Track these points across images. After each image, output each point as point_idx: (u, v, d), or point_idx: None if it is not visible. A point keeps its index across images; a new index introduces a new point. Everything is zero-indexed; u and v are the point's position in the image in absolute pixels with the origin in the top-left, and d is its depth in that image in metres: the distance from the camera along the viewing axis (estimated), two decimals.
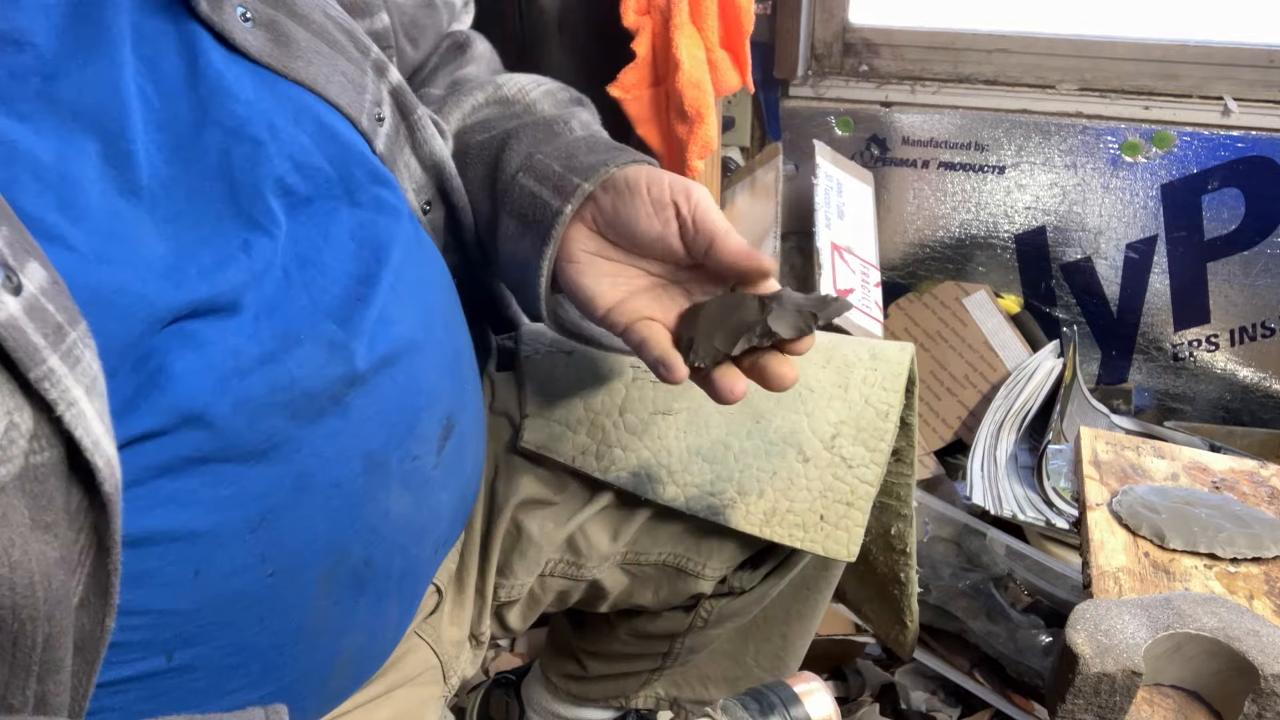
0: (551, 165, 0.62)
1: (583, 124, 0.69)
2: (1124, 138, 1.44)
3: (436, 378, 0.58)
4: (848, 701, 1.22)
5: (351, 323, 0.52)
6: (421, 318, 0.57)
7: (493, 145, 0.67)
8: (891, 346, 0.75)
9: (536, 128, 0.66)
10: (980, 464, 1.38)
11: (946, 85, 1.53)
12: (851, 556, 0.69)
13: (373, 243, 0.55)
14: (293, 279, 0.50)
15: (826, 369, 0.73)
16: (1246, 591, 0.75)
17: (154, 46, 0.48)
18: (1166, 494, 0.84)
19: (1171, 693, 0.68)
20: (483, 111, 0.72)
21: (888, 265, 1.63)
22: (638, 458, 0.71)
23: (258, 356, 0.47)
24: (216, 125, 0.49)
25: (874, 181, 1.58)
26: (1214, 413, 1.55)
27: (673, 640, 0.83)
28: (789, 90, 1.58)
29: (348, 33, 0.60)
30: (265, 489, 0.48)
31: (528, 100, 0.72)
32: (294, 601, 0.51)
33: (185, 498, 0.45)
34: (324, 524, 0.51)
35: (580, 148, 0.63)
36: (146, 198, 0.46)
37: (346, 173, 0.55)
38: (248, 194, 0.50)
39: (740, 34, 1.26)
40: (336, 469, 0.51)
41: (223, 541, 0.47)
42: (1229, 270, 1.45)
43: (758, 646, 0.89)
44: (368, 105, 0.59)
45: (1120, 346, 1.57)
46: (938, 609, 1.19)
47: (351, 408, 0.51)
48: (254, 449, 0.47)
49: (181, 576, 0.46)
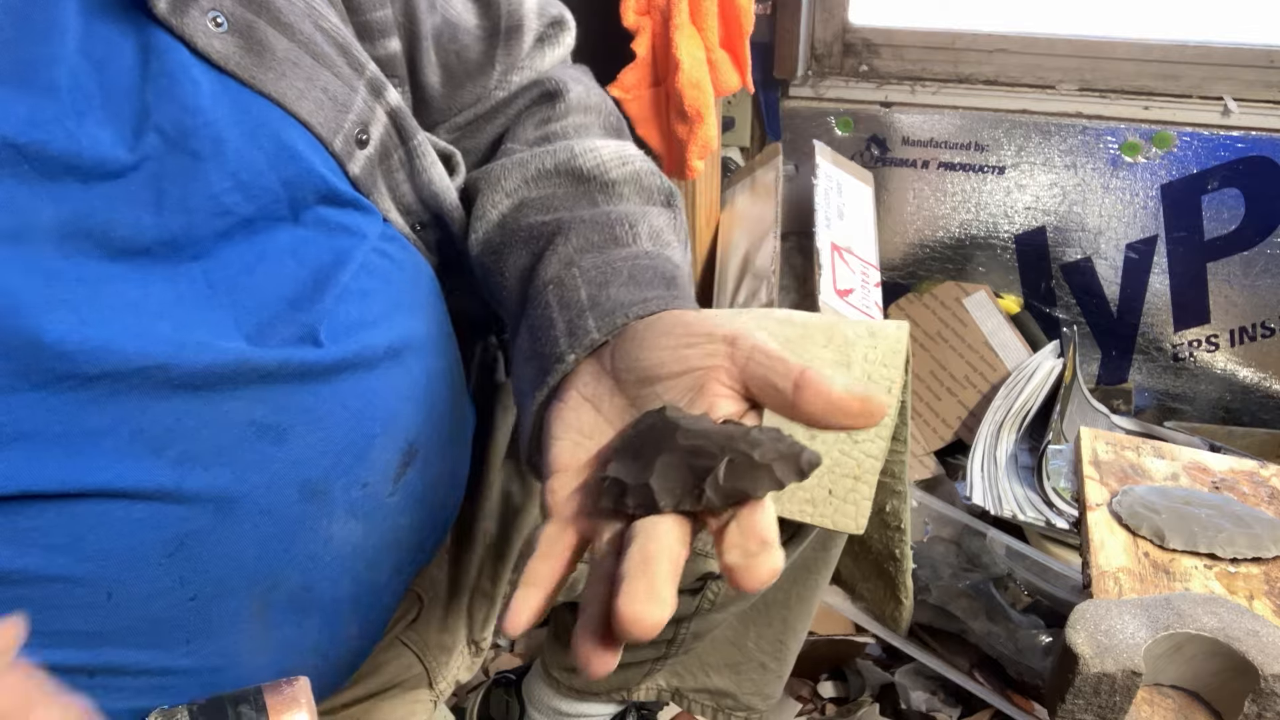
0: (579, 290, 0.54)
1: (652, 232, 0.59)
2: (1124, 138, 1.44)
3: (396, 403, 0.56)
4: (848, 701, 1.22)
5: (280, 349, 0.50)
6: (380, 341, 0.55)
7: (542, 235, 0.59)
8: (888, 325, 0.77)
9: (594, 227, 0.58)
10: (980, 464, 1.38)
11: (946, 85, 1.53)
12: (860, 529, 0.70)
13: (314, 263, 0.53)
14: (219, 299, 0.49)
15: (828, 348, 0.74)
16: (1246, 591, 0.75)
17: (106, 48, 0.46)
18: (1166, 494, 0.84)
19: (1171, 693, 0.68)
20: (548, 183, 0.63)
21: (888, 265, 1.63)
22: None
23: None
24: (157, 131, 0.47)
25: (874, 181, 1.58)
26: (1214, 413, 1.55)
27: (678, 625, 0.83)
28: (789, 90, 1.58)
29: (340, 47, 0.56)
30: (183, 514, 0.47)
31: (605, 180, 0.62)
32: (223, 625, 0.50)
33: (94, 519, 0.44)
34: (252, 550, 0.50)
35: (622, 273, 0.54)
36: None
37: (301, 193, 0.52)
38: (173, 208, 0.48)
39: (740, 34, 1.26)
40: (267, 496, 0.49)
41: (135, 565, 0.46)
42: (1229, 270, 1.45)
43: (759, 632, 0.90)
44: (348, 125, 0.56)
45: (1120, 346, 1.57)
46: (938, 609, 1.19)
47: (287, 433, 0.50)
48: (166, 477, 0.46)
49: (94, 598, 0.45)
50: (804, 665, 1.23)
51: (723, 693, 0.93)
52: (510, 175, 0.64)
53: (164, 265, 0.48)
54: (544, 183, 0.63)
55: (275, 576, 0.51)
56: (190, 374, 0.46)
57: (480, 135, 0.70)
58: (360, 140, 0.57)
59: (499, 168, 0.64)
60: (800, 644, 0.92)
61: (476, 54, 0.67)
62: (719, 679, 0.92)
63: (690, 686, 0.93)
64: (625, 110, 1.25)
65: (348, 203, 0.55)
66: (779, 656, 0.91)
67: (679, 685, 0.94)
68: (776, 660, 0.92)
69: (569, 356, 0.50)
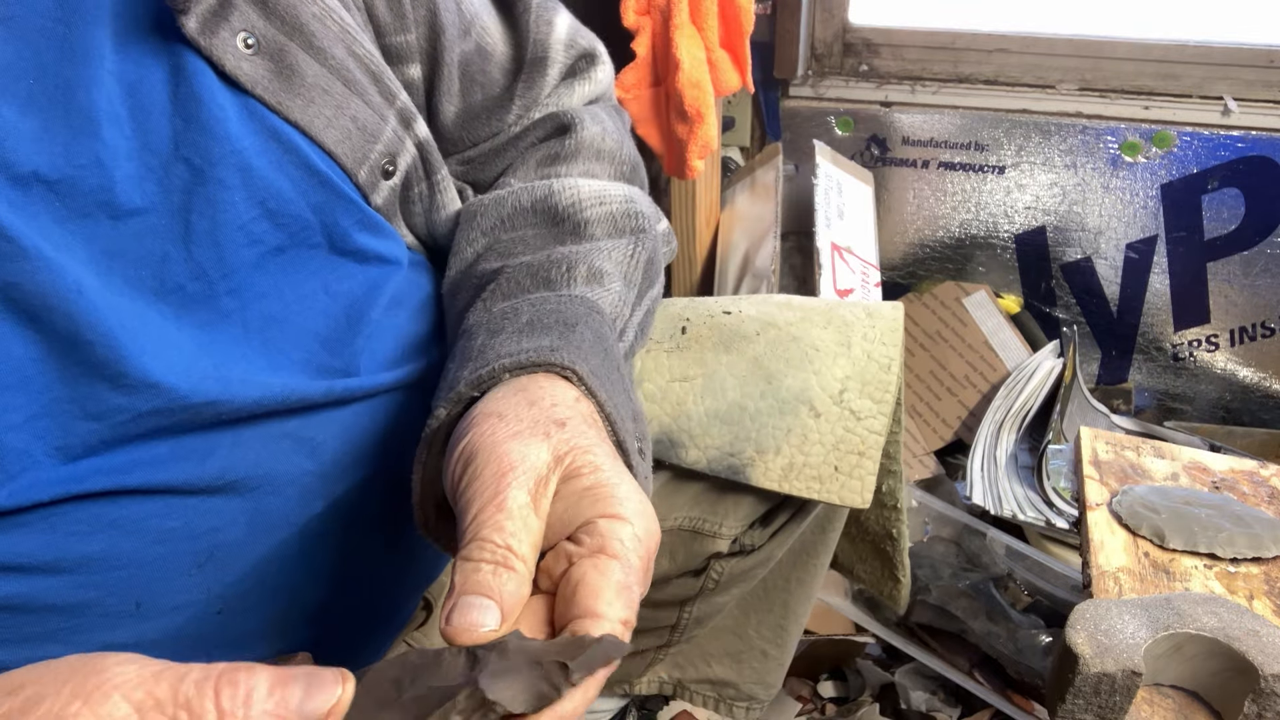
0: (477, 339, 0.50)
1: (591, 273, 0.56)
2: (1124, 138, 1.44)
3: (422, 421, 0.55)
4: (848, 701, 1.22)
5: (322, 383, 0.50)
6: (412, 369, 0.55)
7: (484, 283, 0.56)
8: (884, 305, 0.79)
9: (530, 271, 0.55)
10: (980, 464, 1.38)
11: (946, 85, 1.53)
12: (866, 503, 0.71)
13: (348, 296, 0.52)
14: (252, 339, 0.49)
15: (828, 329, 0.75)
16: (1246, 591, 0.75)
17: (138, 70, 0.46)
18: (1166, 494, 0.84)
19: (1171, 693, 0.68)
20: (522, 222, 0.60)
21: (888, 265, 1.63)
22: (659, 424, 0.73)
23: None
24: (184, 162, 0.46)
25: (874, 181, 1.58)
26: (1214, 413, 1.55)
27: (681, 607, 0.83)
28: (789, 90, 1.58)
29: (373, 75, 0.54)
30: (215, 524, 0.47)
31: (578, 220, 0.59)
32: (245, 641, 0.50)
33: (130, 525, 0.45)
34: (278, 565, 0.50)
35: (521, 318, 0.51)
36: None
37: (330, 220, 0.52)
38: (201, 240, 0.47)
39: (740, 34, 1.26)
40: (298, 511, 0.50)
41: (166, 575, 0.46)
42: (1229, 270, 1.45)
43: (760, 618, 0.90)
44: (374, 155, 0.54)
45: (1120, 346, 1.57)
46: (938, 609, 1.19)
47: (320, 449, 0.50)
48: (205, 484, 0.46)
49: (123, 608, 0.45)
50: (804, 665, 1.23)
51: (724, 683, 0.94)
52: (487, 213, 0.61)
53: (198, 304, 0.48)
54: (518, 221, 0.60)
55: (299, 591, 0.52)
56: (235, 408, 0.46)
57: (489, 169, 0.67)
58: (387, 171, 0.56)
59: (478, 205, 0.62)
60: (801, 629, 0.93)
61: (500, 88, 0.64)
62: (720, 669, 0.93)
63: (691, 677, 0.93)
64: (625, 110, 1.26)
65: (379, 229, 0.55)
66: (780, 643, 0.92)
67: (680, 677, 0.94)
68: (777, 647, 0.92)
69: (439, 410, 0.47)
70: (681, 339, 0.76)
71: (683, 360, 0.74)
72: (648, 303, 0.62)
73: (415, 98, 0.60)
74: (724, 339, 0.75)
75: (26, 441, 0.42)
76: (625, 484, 0.41)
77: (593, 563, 0.38)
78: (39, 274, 0.41)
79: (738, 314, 0.76)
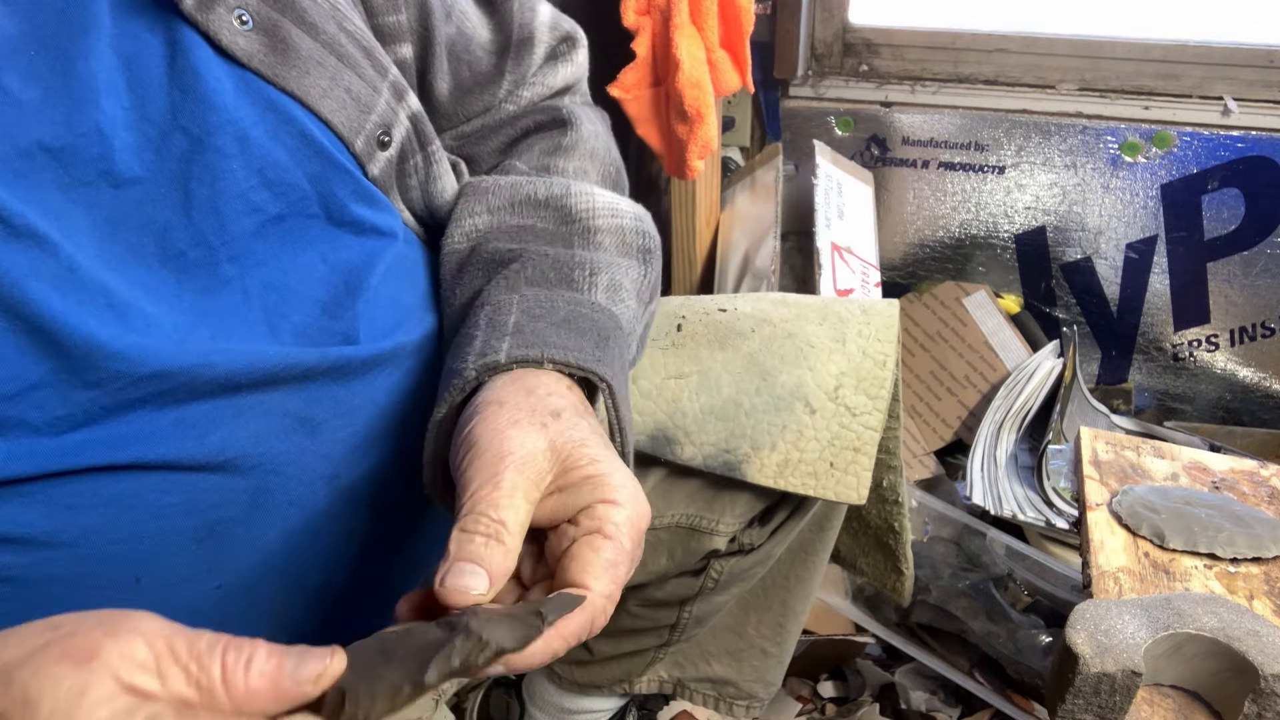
0: (510, 315, 0.53)
1: (610, 285, 0.58)
2: (1124, 138, 1.44)
3: (422, 399, 0.56)
4: (848, 701, 1.22)
5: (318, 350, 0.51)
6: (410, 339, 0.56)
7: (501, 261, 0.58)
8: (880, 302, 0.79)
9: (554, 265, 0.57)
10: (980, 464, 1.38)
11: (946, 85, 1.53)
12: (862, 499, 0.71)
13: (346, 266, 0.53)
14: (252, 305, 0.50)
15: (824, 325, 0.75)
16: (1246, 591, 0.75)
17: (135, 44, 0.47)
18: (1166, 494, 0.84)
19: (1171, 693, 0.68)
20: (531, 213, 0.62)
21: (888, 265, 1.63)
22: (654, 421, 0.73)
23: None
24: (182, 132, 0.48)
25: (874, 181, 1.58)
26: (1214, 413, 1.55)
27: (681, 607, 0.83)
28: (789, 90, 1.58)
29: (365, 50, 0.56)
30: (217, 500, 0.47)
31: (589, 225, 0.61)
32: (244, 620, 0.50)
33: (130, 499, 0.45)
34: (279, 543, 0.50)
35: (559, 313, 0.53)
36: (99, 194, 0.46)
37: (327, 190, 0.53)
38: (201, 208, 0.48)
39: (740, 34, 1.26)
40: (297, 489, 0.50)
41: (167, 549, 0.46)
42: (1229, 270, 1.45)
43: (759, 616, 0.90)
44: (370, 126, 0.56)
45: (1120, 346, 1.57)
46: (938, 609, 1.19)
47: (320, 427, 0.51)
48: (206, 461, 0.47)
49: (122, 581, 0.46)
50: (804, 665, 1.23)
51: (724, 681, 0.94)
52: (499, 193, 0.63)
53: (199, 270, 0.49)
54: (527, 211, 0.62)
55: (298, 571, 0.52)
56: (232, 374, 0.47)
57: (485, 145, 0.71)
58: (382, 142, 0.57)
59: (491, 182, 0.64)
60: (800, 627, 0.93)
61: (487, 66, 0.67)
62: (720, 667, 0.93)
63: (691, 676, 0.93)
64: (625, 110, 1.26)
65: (375, 201, 0.56)
66: (779, 641, 0.92)
67: (680, 676, 0.94)
68: (777, 645, 0.92)
69: (469, 372, 0.49)
70: (677, 336, 0.76)
71: (678, 357, 0.75)
72: (647, 317, 0.65)
73: (408, 76, 0.62)
74: (719, 336, 0.75)
75: (23, 411, 0.42)
76: (619, 472, 0.46)
77: (588, 541, 0.44)
78: (29, 252, 0.42)
79: (733, 311, 0.76)
